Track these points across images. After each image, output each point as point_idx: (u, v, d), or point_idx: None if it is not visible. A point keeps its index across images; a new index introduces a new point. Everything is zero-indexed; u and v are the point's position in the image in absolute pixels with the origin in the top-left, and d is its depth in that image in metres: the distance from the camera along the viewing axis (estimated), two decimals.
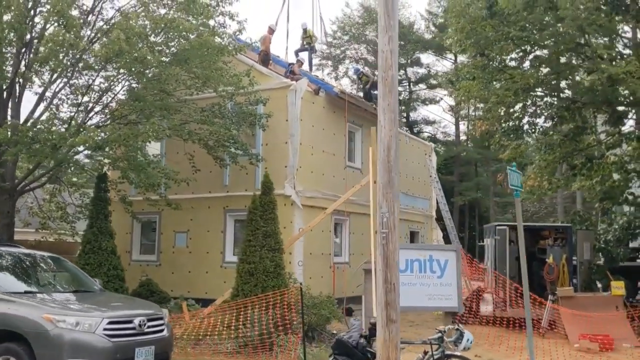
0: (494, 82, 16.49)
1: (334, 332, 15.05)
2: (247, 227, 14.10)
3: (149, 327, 8.82)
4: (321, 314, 13.72)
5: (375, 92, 26.03)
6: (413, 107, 47.85)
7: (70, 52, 13.23)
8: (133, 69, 13.89)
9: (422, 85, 51.15)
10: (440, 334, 8.03)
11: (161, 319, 9.29)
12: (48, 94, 16.15)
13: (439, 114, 75.98)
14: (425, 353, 8.19)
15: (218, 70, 15.35)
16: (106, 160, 18.02)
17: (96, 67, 13.99)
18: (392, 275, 7.68)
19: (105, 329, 8.22)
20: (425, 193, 28.61)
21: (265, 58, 20.54)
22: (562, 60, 15.89)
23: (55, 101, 16.24)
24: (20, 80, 15.58)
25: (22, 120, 16.01)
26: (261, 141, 19.18)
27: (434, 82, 50.06)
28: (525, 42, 14.56)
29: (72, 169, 17.14)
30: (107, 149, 15.38)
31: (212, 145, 17.47)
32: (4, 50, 15.15)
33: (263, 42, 20.53)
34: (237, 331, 12.38)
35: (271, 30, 21.67)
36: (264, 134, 18.95)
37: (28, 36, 15.29)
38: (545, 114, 17.98)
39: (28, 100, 19.51)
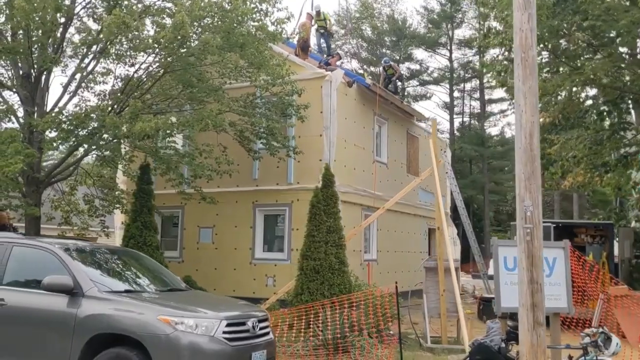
0: (547, 74, 16.04)
1: (391, 332, 14.51)
2: (309, 221, 13.36)
3: (260, 329, 8.05)
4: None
5: (400, 84, 25.55)
6: (407, 103, 47.28)
7: (129, 34, 12.25)
8: (192, 56, 12.96)
9: (414, 82, 50.74)
10: (589, 338, 7.45)
11: (267, 320, 8.51)
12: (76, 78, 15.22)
13: (432, 109, 75.72)
14: (570, 358, 7.64)
15: (272, 57, 14.57)
16: (124, 151, 17.13)
17: (150, 51, 13.02)
18: (538, 275, 7.10)
19: (224, 332, 7.40)
20: (441, 189, 28.13)
21: (305, 45, 19.73)
22: (623, 50, 15.50)
23: (80, 90, 15.36)
24: (49, 65, 14.59)
25: (49, 106, 15.13)
26: (293, 133, 18.41)
27: (427, 78, 49.66)
28: (597, 30, 14.01)
29: (100, 161, 16.18)
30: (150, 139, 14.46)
31: (247, 136, 16.68)
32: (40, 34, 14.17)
33: (303, 29, 19.72)
34: (306, 333, 11.67)
35: (310, 17, 20.87)
36: (296, 126, 18.19)
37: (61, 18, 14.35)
38: (588, 108, 17.64)
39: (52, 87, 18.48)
